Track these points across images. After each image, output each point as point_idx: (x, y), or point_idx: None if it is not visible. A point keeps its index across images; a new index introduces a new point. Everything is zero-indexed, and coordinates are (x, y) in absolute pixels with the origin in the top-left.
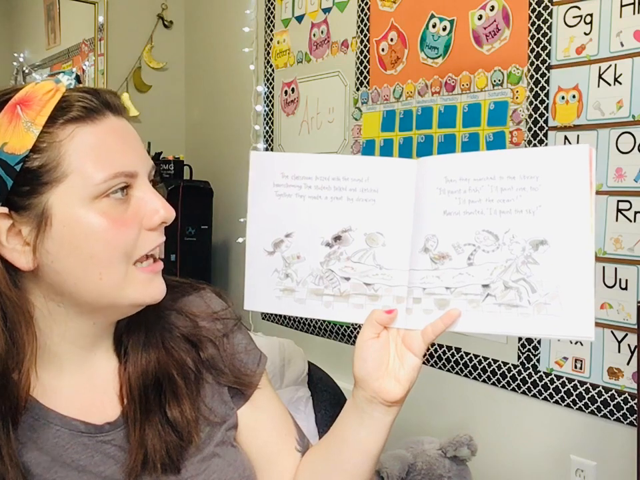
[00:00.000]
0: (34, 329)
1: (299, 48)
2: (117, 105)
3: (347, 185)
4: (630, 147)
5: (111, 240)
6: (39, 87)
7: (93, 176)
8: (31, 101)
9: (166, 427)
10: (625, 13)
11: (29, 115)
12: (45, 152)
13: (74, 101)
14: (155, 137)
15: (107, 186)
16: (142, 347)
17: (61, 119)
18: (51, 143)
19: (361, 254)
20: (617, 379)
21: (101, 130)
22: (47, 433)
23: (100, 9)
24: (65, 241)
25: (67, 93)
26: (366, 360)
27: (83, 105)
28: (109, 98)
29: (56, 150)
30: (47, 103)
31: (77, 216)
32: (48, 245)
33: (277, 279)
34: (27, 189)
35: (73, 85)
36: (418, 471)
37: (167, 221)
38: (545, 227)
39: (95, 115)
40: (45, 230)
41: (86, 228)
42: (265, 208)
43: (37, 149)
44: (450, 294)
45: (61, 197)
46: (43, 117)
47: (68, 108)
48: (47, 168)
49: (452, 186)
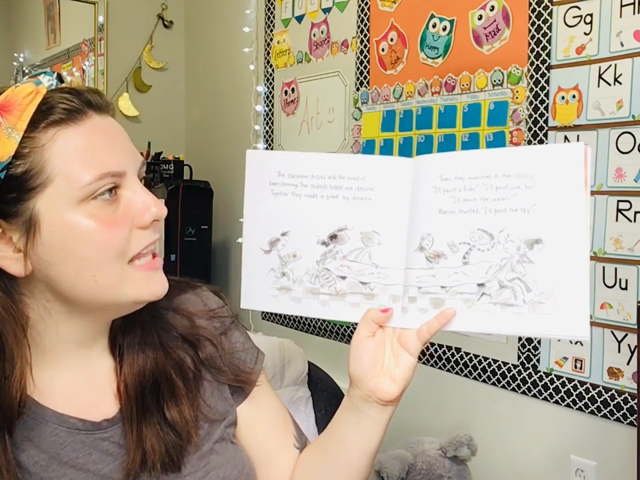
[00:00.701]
0: (27, 335)
1: (299, 48)
2: (99, 103)
3: (343, 184)
4: (630, 147)
5: (102, 241)
6: (18, 90)
7: (79, 178)
8: (10, 105)
9: (165, 427)
10: (624, 13)
11: (10, 121)
12: (27, 157)
13: (55, 103)
14: (155, 137)
15: (93, 188)
16: (138, 347)
17: (42, 122)
18: (34, 148)
19: (357, 253)
20: (617, 379)
21: (84, 130)
22: (44, 432)
23: (100, 9)
24: (56, 245)
25: (48, 95)
26: (361, 359)
27: (64, 106)
28: (91, 97)
29: (39, 155)
30: (27, 107)
31: (65, 220)
32: (39, 251)
33: (274, 277)
34: (13, 195)
35: (54, 85)
36: (418, 471)
37: (158, 218)
38: (539, 226)
39: (78, 116)
40: (34, 236)
41: (75, 231)
42: (261, 206)
43: (19, 155)
44: (445, 293)
45: (47, 201)
46: (24, 121)
47: (49, 111)
48: (31, 174)
49: (447, 184)
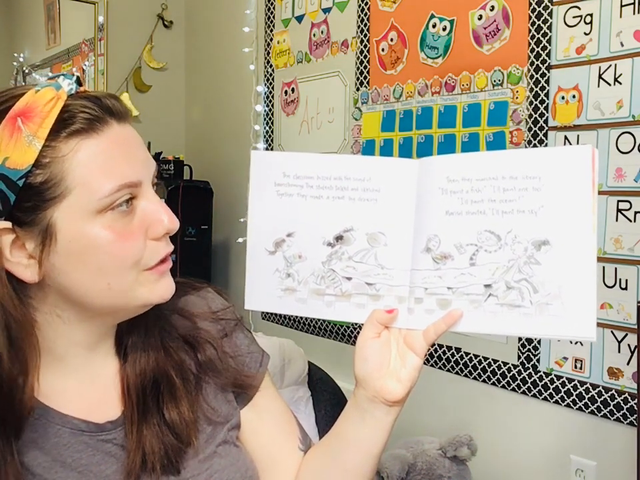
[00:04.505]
0: (37, 339)
1: (299, 48)
2: (119, 111)
3: (349, 185)
4: (630, 147)
5: (118, 253)
6: (39, 96)
7: (98, 190)
8: (31, 112)
9: (164, 429)
10: (624, 13)
11: (31, 128)
12: (48, 167)
13: (76, 111)
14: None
15: (112, 199)
16: (141, 348)
17: (63, 132)
18: (54, 158)
19: (363, 254)
20: (617, 378)
21: (104, 141)
22: (47, 432)
23: (100, 9)
24: (71, 255)
25: (68, 102)
26: (367, 359)
27: (85, 115)
28: (110, 104)
29: (59, 165)
30: (48, 115)
31: (82, 231)
32: (54, 260)
33: (278, 278)
34: (30, 204)
35: (74, 89)
36: (418, 471)
37: (170, 232)
38: (547, 227)
39: (99, 125)
40: (50, 245)
41: (92, 242)
42: (266, 207)
43: (39, 164)
44: (452, 294)
45: (65, 212)
46: (45, 129)
47: (70, 120)
48: (50, 184)
49: (454, 186)
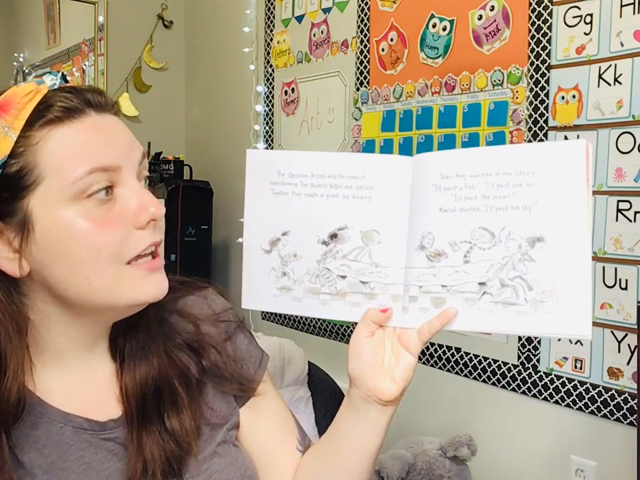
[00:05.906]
0: (27, 337)
1: (299, 48)
2: (99, 102)
3: (343, 183)
4: (630, 147)
5: (95, 242)
6: (19, 89)
7: (70, 174)
8: (9, 104)
9: (165, 436)
10: (624, 13)
11: (7, 120)
12: (21, 156)
13: (53, 101)
14: (155, 137)
15: (85, 183)
16: (142, 354)
17: (39, 121)
18: (28, 147)
19: (357, 252)
20: (617, 379)
21: (78, 127)
22: (49, 431)
23: (100, 9)
24: (49, 246)
25: (49, 94)
26: (360, 358)
27: (62, 104)
28: (91, 96)
29: (32, 153)
30: (25, 106)
31: (58, 219)
32: (34, 251)
33: (274, 277)
34: (7, 195)
35: (57, 84)
36: (418, 471)
37: (156, 218)
38: (541, 224)
39: (75, 115)
40: (28, 236)
41: (67, 231)
42: (262, 206)
43: (14, 153)
44: (446, 292)
45: (40, 200)
46: (21, 120)
47: (46, 110)
48: (24, 172)
49: (448, 183)
